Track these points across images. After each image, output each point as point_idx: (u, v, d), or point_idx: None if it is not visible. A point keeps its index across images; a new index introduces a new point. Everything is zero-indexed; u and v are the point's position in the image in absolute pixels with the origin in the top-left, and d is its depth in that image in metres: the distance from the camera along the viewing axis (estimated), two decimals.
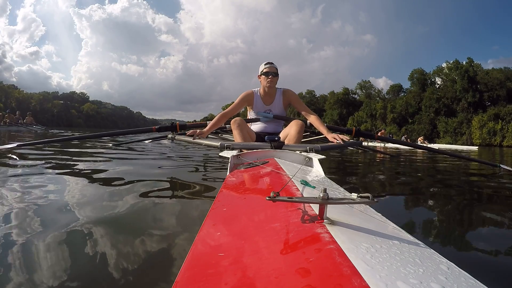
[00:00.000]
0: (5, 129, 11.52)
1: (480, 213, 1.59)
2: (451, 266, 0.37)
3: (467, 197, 2.04)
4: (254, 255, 0.41)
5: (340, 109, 39.97)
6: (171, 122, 2.50)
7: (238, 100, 2.40)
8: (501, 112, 26.16)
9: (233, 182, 0.95)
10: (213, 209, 0.65)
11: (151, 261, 0.83)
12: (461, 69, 29.99)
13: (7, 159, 2.72)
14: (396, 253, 0.38)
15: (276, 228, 0.47)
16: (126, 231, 1.07)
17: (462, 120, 28.75)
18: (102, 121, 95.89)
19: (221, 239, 0.49)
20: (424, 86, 34.09)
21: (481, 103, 29.15)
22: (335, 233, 0.40)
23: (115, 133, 3.21)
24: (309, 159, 1.34)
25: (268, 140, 1.44)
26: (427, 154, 6.31)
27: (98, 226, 1.09)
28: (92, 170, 2.35)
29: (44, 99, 70.72)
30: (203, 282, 0.36)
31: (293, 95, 2.43)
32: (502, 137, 25.30)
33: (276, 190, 0.47)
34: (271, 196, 0.46)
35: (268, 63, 2.32)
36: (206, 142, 1.87)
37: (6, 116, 13.06)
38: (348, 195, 0.65)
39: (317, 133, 3.21)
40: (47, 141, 3.53)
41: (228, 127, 3.02)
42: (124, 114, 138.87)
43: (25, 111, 17.57)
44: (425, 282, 0.31)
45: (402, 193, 2.12)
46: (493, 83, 28.80)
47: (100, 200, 1.48)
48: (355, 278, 0.30)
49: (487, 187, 2.47)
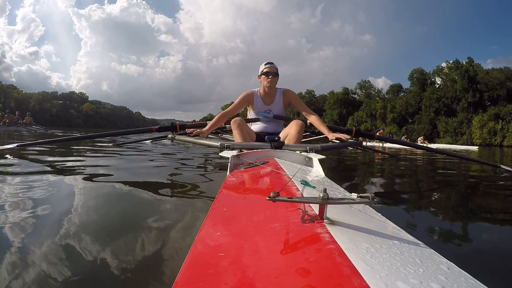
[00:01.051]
0: (4, 129, 11.51)
1: (480, 213, 1.59)
2: (451, 266, 0.37)
3: (467, 197, 2.04)
4: (254, 255, 0.41)
5: (340, 109, 39.99)
6: (171, 122, 2.50)
7: (238, 100, 2.40)
8: (501, 112, 26.18)
9: (233, 182, 0.95)
10: (213, 209, 0.65)
11: (151, 261, 0.83)
12: (461, 68, 29.99)
13: (6, 159, 2.71)
14: (396, 253, 0.38)
15: (276, 228, 0.47)
16: (125, 231, 1.07)
17: (462, 120, 28.75)
18: (101, 121, 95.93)
19: (221, 239, 0.49)
20: (424, 86, 34.10)
21: (481, 103, 29.15)
22: (335, 233, 0.40)
23: (115, 133, 3.20)
24: (309, 159, 1.34)
25: (268, 140, 1.44)
26: (427, 154, 6.31)
27: (98, 226, 1.09)
28: (91, 170, 2.35)
29: (43, 99, 70.68)
30: (203, 282, 0.36)
31: (293, 95, 2.43)
32: (502, 137, 25.30)
33: (276, 190, 0.47)
34: (271, 196, 0.46)
35: (268, 63, 2.32)
36: (206, 142, 1.87)
37: (5, 116, 13.06)
38: (348, 195, 0.65)
39: (317, 133, 3.21)
40: (46, 141, 3.53)
41: (228, 127, 3.02)
42: (123, 114, 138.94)
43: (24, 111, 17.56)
44: (425, 282, 0.31)
45: (402, 193, 2.12)
46: (493, 83, 28.80)
47: (100, 200, 1.48)
48: (355, 278, 0.30)
49: (487, 187, 2.47)
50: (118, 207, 1.37)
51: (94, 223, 1.12)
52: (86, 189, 1.68)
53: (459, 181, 2.74)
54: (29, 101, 63.83)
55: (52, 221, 1.12)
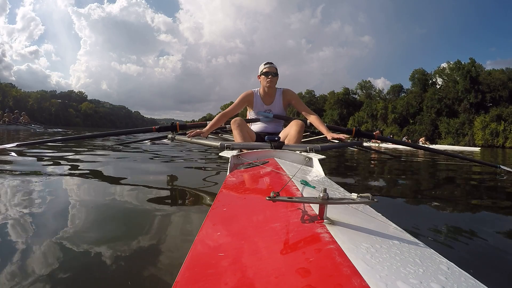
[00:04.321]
0: (4, 128, 11.50)
1: (480, 213, 1.59)
2: (451, 266, 0.37)
3: (467, 197, 2.04)
4: (254, 255, 0.41)
5: (341, 109, 39.89)
6: (171, 122, 2.49)
7: (238, 100, 2.40)
8: (504, 113, 26.03)
9: (233, 182, 0.95)
10: (213, 209, 0.65)
11: (151, 261, 0.83)
12: (463, 69, 29.86)
13: (6, 159, 2.71)
14: (396, 253, 0.38)
15: (276, 228, 0.47)
16: (125, 230, 1.07)
17: (464, 121, 28.60)
18: (100, 120, 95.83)
19: (221, 239, 0.49)
20: (425, 86, 34.00)
21: (482, 104, 29.04)
22: (335, 233, 0.40)
23: (115, 133, 3.20)
24: (309, 159, 1.34)
25: (268, 140, 1.44)
26: (427, 154, 6.32)
27: (97, 226, 1.09)
28: (90, 170, 2.34)
29: (42, 98, 70.44)
30: (203, 282, 0.36)
31: (293, 95, 2.43)
32: (504, 138, 25.14)
33: (276, 190, 0.47)
34: (271, 196, 0.46)
35: (267, 63, 2.32)
36: (206, 142, 1.87)
37: (5, 115, 13.05)
38: (348, 195, 0.65)
39: (317, 133, 3.21)
40: (46, 140, 3.52)
41: (228, 127, 3.02)
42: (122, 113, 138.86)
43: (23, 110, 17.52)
44: (425, 282, 0.31)
45: (402, 193, 2.13)
46: (496, 84, 28.66)
47: (99, 200, 1.48)
48: (355, 278, 0.30)
49: (487, 188, 2.47)
50: (117, 207, 1.36)
51: (93, 223, 1.11)
52: (85, 189, 1.68)
53: (459, 182, 2.75)
54: (27, 99, 63.62)
55: (51, 221, 1.12)
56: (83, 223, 1.09)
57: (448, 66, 32.22)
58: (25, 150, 3.38)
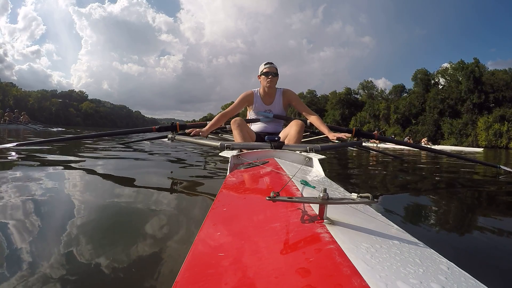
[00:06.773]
0: (4, 127, 11.52)
1: (480, 213, 1.59)
2: (451, 266, 0.37)
3: (467, 198, 2.04)
4: (254, 255, 0.41)
5: (342, 109, 39.67)
6: (171, 122, 2.50)
7: (238, 100, 2.40)
8: (507, 113, 25.77)
9: (233, 182, 0.95)
10: (213, 209, 0.65)
11: (151, 261, 0.83)
12: (466, 69, 29.65)
13: (6, 159, 2.71)
14: (396, 253, 0.38)
15: (276, 228, 0.47)
16: (125, 230, 1.07)
17: (467, 122, 28.31)
18: (100, 120, 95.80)
19: (221, 239, 0.49)
20: (427, 86, 33.79)
21: (485, 104, 28.84)
22: (335, 233, 0.40)
23: (115, 133, 3.21)
24: (309, 159, 1.34)
25: (268, 140, 1.44)
26: (428, 154, 6.31)
27: (97, 226, 1.09)
28: (90, 170, 2.34)
29: (42, 97, 70.39)
30: (203, 282, 0.36)
31: (293, 95, 2.43)
32: (508, 139, 24.81)
33: (276, 190, 0.47)
34: (271, 196, 0.46)
35: (268, 63, 2.32)
36: (206, 142, 1.87)
37: (5, 115, 13.08)
38: (348, 195, 0.65)
39: (317, 133, 3.21)
40: (46, 140, 3.53)
41: (228, 127, 3.02)
42: (123, 113, 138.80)
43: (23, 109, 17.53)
44: (425, 282, 0.31)
45: (402, 193, 2.12)
46: (499, 84, 28.38)
47: (99, 200, 1.48)
48: (355, 278, 0.30)
49: (487, 188, 2.47)
50: (117, 206, 1.37)
51: (93, 223, 1.11)
52: (84, 189, 1.68)
53: (459, 182, 2.75)
54: (28, 99, 63.61)
55: (51, 221, 1.12)
56: (83, 223, 1.09)
57: (451, 66, 32.02)
58: (24, 149, 3.38)
